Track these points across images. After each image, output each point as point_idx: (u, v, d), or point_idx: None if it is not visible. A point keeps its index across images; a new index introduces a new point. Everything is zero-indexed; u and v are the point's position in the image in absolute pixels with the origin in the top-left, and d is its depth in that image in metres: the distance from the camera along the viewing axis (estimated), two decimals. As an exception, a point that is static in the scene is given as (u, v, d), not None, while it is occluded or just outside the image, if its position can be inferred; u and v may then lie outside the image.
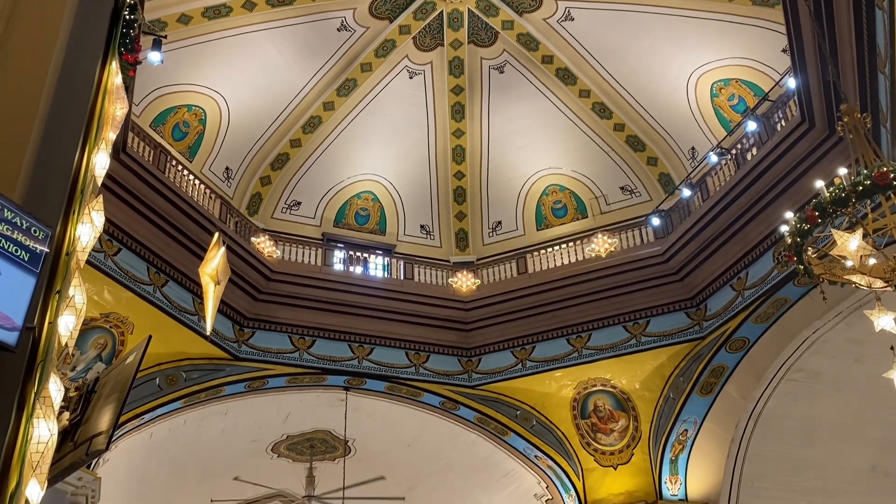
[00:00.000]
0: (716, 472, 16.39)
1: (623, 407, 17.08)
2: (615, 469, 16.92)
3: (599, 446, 17.09)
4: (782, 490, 16.81)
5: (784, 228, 7.85)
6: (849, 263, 7.21)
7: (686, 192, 16.60)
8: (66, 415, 5.35)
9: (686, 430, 16.50)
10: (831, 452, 16.89)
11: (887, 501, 17.64)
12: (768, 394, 15.80)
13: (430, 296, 17.74)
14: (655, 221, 17.10)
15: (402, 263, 18.66)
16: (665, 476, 16.62)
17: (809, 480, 16.96)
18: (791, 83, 13.79)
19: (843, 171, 7.26)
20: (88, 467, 13.47)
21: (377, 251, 19.32)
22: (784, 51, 14.12)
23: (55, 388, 4.85)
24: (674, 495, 16.56)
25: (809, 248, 7.65)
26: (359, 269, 18.26)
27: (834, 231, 6.98)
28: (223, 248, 7.72)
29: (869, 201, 7.30)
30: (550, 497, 18.10)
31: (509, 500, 19.42)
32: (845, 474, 17.23)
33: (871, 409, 16.16)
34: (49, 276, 5.03)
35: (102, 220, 5.48)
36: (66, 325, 4.99)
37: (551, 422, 17.39)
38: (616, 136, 19.22)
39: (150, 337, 5.64)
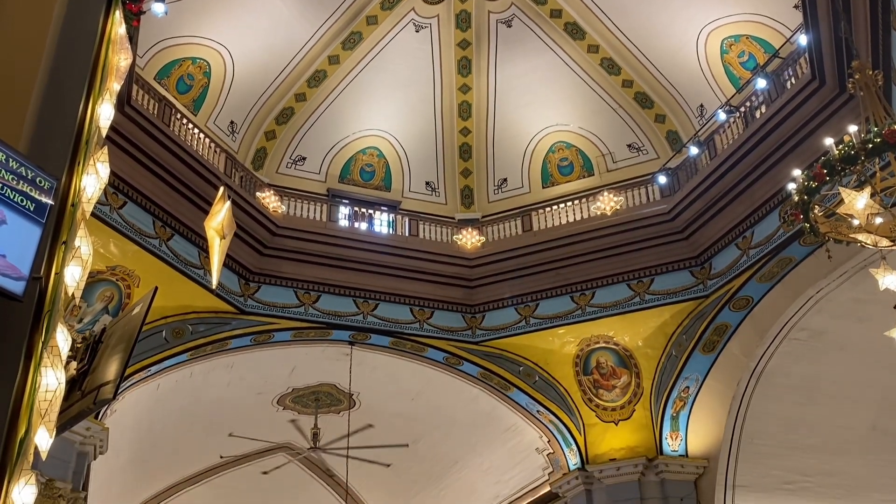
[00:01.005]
0: (716, 428, 16.55)
1: (625, 364, 17.20)
2: (616, 425, 17.09)
3: (601, 402, 17.25)
4: (782, 447, 16.98)
5: (791, 186, 7.81)
6: (855, 222, 7.18)
7: (693, 150, 16.50)
8: (74, 364, 5.40)
9: (688, 388, 16.63)
10: (832, 411, 17.02)
11: (886, 459, 17.82)
12: (771, 352, 15.88)
13: (435, 252, 17.76)
14: (662, 180, 17.02)
15: (406, 220, 18.66)
16: (666, 432, 16.79)
17: (809, 438, 17.12)
18: (802, 40, 13.60)
19: (853, 128, 7.19)
20: (96, 417, 13.66)
21: (382, 207, 19.30)
22: (796, 6, 13.88)
23: (62, 338, 4.89)
24: (674, 451, 16.76)
25: (816, 207, 7.62)
26: (364, 226, 18.27)
27: (842, 189, 6.95)
28: (228, 203, 7.72)
29: (878, 160, 7.25)
30: (552, 451, 18.32)
31: (511, 454, 19.67)
32: (845, 433, 17.37)
33: (873, 368, 16.24)
34: (55, 226, 5.03)
35: (107, 171, 5.46)
36: (73, 275, 5.00)
37: (554, 378, 17.53)
38: (624, 93, 19.03)
39: (156, 288, 5.67)
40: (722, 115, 15.90)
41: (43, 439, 4.68)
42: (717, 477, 16.56)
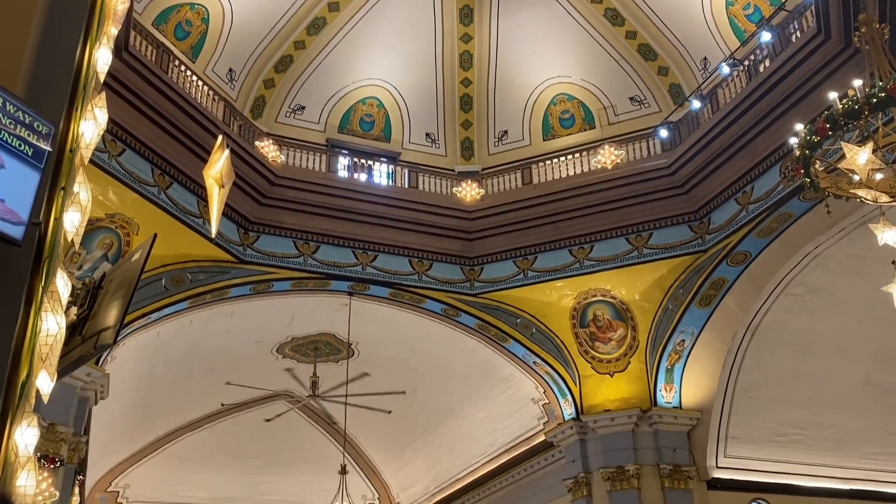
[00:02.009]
0: (710, 381, 16.75)
1: (622, 317, 17.31)
2: (611, 376, 17.28)
3: (597, 354, 17.41)
4: (775, 400, 17.21)
5: (793, 141, 7.77)
6: (856, 178, 7.17)
7: (696, 104, 16.36)
8: (74, 310, 5.44)
9: (683, 341, 16.78)
10: (826, 365, 17.21)
11: (878, 413, 18.08)
12: (767, 307, 15.99)
13: (434, 205, 17.74)
14: (663, 133, 16.91)
15: (406, 171, 18.59)
16: (660, 384, 16.99)
17: (802, 392, 17.33)
18: (810, -8, 13.39)
19: (857, 83, 7.13)
20: (97, 363, 13.80)
21: (382, 158, 19.21)
22: (804, -42, 13.63)
23: (62, 284, 4.91)
24: (668, 403, 16.98)
25: (817, 162, 7.60)
26: (363, 177, 18.21)
27: (844, 144, 6.91)
28: (227, 152, 7.65)
29: (881, 115, 7.20)
30: (547, 402, 18.56)
31: (507, 404, 19.92)
32: (838, 387, 17.59)
33: (868, 324, 16.37)
34: (53, 172, 5.01)
35: (106, 117, 5.43)
36: (72, 221, 5.00)
37: (551, 330, 17.66)
38: (627, 45, 18.79)
39: (155, 235, 5.67)
40: (725, 69, 15.73)
41: (44, 383, 4.73)
42: (710, 428, 16.82)
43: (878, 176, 7.27)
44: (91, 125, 5.32)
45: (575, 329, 17.55)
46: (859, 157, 6.76)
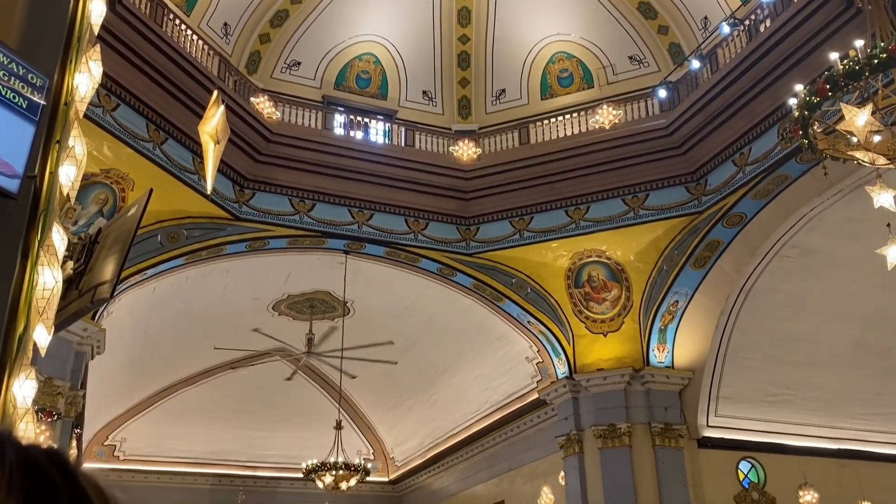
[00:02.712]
0: (703, 342, 16.89)
1: (616, 278, 17.37)
2: (605, 336, 17.41)
3: (591, 314, 17.51)
4: (766, 361, 17.38)
5: (792, 101, 7.73)
6: (854, 139, 7.15)
7: (695, 64, 16.23)
8: (70, 264, 5.44)
9: (677, 302, 16.87)
10: (817, 327, 17.35)
11: (867, 374, 18.28)
12: (761, 269, 16.06)
13: (431, 163, 17.66)
14: (662, 93, 16.80)
15: (403, 130, 18.48)
16: (653, 344, 17.13)
17: (794, 353, 17.49)
18: (813, -50, 13.20)
19: (858, 43, 7.07)
20: (93, 318, 13.85)
21: (378, 116, 19.08)
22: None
23: (58, 238, 4.91)
24: (660, 362, 17.14)
25: (816, 123, 7.56)
26: (359, 135, 18.10)
27: (843, 105, 6.88)
28: (222, 107, 7.60)
29: (881, 76, 7.16)
30: (541, 360, 18.72)
31: (501, 362, 20.09)
32: (829, 348, 17.76)
33: (860, 286, 16.47)
34: (48, 125, 4.99)
35: (100, 70, 5.37)
36: (67, 175, 4.99)
37: (545, 290, 17.74)
38: (627, 2, 18.58)
39: (151, 190, 5.66)
40: (726, 29, 15.58)
41: (41, 336, 4.76)
42: (702, 388, 17.01)
43: (877, 138, 7.25)
44: (86, 78, 5.28)
45: (570, 289, 17.62)
46: (858, 119, 6.73)
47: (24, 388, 4.56)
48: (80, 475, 0.75)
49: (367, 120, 18.51)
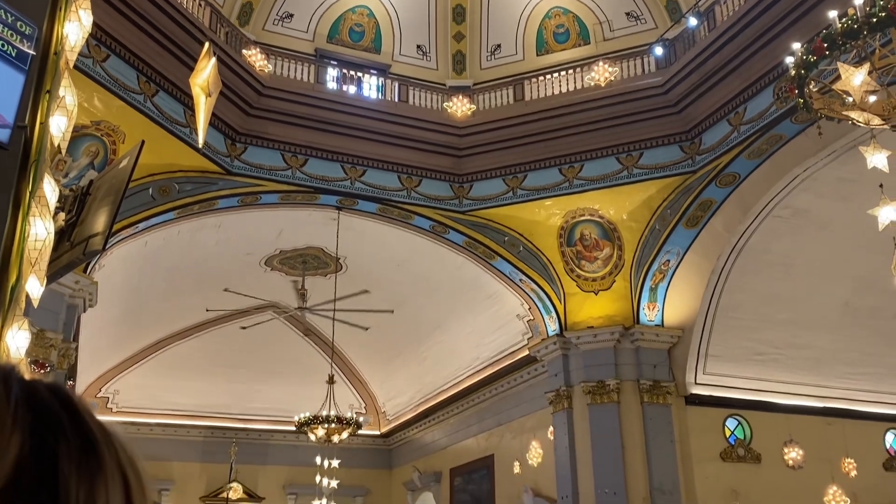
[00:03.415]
0: (693, 301, 17.02)
1: (609, 236, 17.42)
2: (596, 294, 17.51)
3: (583, 273, 17.59)
4: (756, 321, 17.54)
5: (789, 60, 7.68)
6: (849, 99, 7.13)
7: (692, 21, 16.08)
8: (62, 215, 5.42)
9: (668, 261, 16.95)
10: (807, 287, 17.48)
11: (855, 334, 18.49)
12: (753, 228, 16.12)
13: (425, 120, 17.54)
14: (658, 51, 16.66)
15: (396, 85, 18.30)
16: (644, 303, 17.25)
17: (783, 312, 17.65)
18: None
19: (857, 1, 7.00)
20: (85, 271, 13.84)
21: (371, 70, 18.88)
22: None
23: (50, 189, 4.88)
24: (650, 321, 17.28)
25: (812, 82, 7.53)
26: (352, 89, 17.92)
27: (840, 64, 6.84)
28: (213, 59, 7.50)
29: (879, 36, 7.11)
30: (532, 318, 18.84)
31: (492, 320, 20.22)
32: (818, 308, 17.92)
33: (851, 247, 16.57)
34: (38, 75, 4.92)
35: (90, 19, 5.28)
36: (58, 125, 4.94)
37: (538, 248, 17.78)
38: (625, -42, 18.32)
39: (143, 142, 5.61)
40: (724, -15, 15.39)
41: (34, 287, 4.76)
42: (691, 346, 17.19)
43: (872, 98, 7.23)
44: (75, 27, 5.19)
45: (562, 248, 17.66)
46: (854, 79, 6.70)
47: (17, 338, 4.57)
48: (82, 409, 0.76)
49: (360, 74, 18.31)
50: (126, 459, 0.71)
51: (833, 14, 7.20)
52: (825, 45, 7.02)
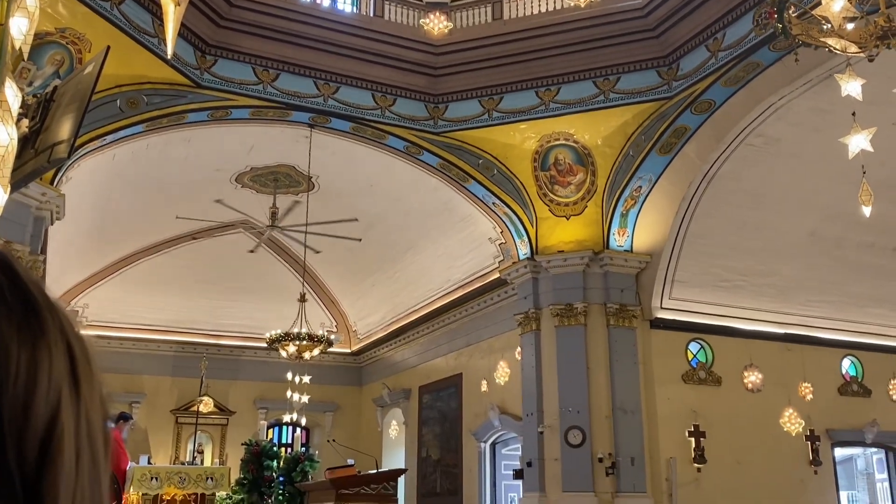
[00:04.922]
0: (663, 227, 17.20)
1: (583, 162, 17.42)
2: (567, 219, 17.62)
3: (555, 197, 17.64)
4: (723, 248, 17.81)
5: (770, -16, 7.59)
6: (827, 26, 7.09)
7: (676, -57, 15.74)
8: (25, 122, 5.28)
9: (640, 187, 17.04)
10: (776, 216, 17.72)
11: (819, 263, 18.88)
12: (725, 156, 16.20)
13: (400, 36, 17.17)
14: (639, -28, 16.34)
15: (372, -1, 17.83)
16: (614, 228, 17.40)
17: (750, 240, 17.92)
18: None
19: (841, -75, 6.89)
20: (52, 183, 13.61)
21: (347, -17, 18.32)
22: None
23: (11, 94, 4.75)
24: (620, 246, 17.48)
25: (792, 7, 7.46)
26: (326, 2, 17.42)
27: (820, -11, 6.78)
28: (183, -37, 7.23)
29: (861, -39, 7.03)
30: (503, 241, 18.96)
31: (465, 242, 20.32)
32: (785, 237, 18.22)
33: (821, 178, 16.76)
34: (-4, -28, 4.72)
35: (50, -86, 5.07)
36: (19, 27, 4.77)
37: (512, 172, 17.75)
38: None
39: (108, 47, 5.45)
40: None
41: (-2, 195, 4.68)
42: (658, 272, 17.45)
43: (850, 25, 7.20)
44: (35, -78, 4.97)
45: (536, 172, 17.65)
46: (834, 4, 6.66)
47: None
48: (23, 273, 0.74)
49: (335, -13, 17.78)
50: (69, 327, 0.69)
51: (817, -63, 7.09)
52: (807, -32, 6.94)
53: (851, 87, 7.71)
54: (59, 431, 0.61)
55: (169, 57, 12.05)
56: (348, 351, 27.71)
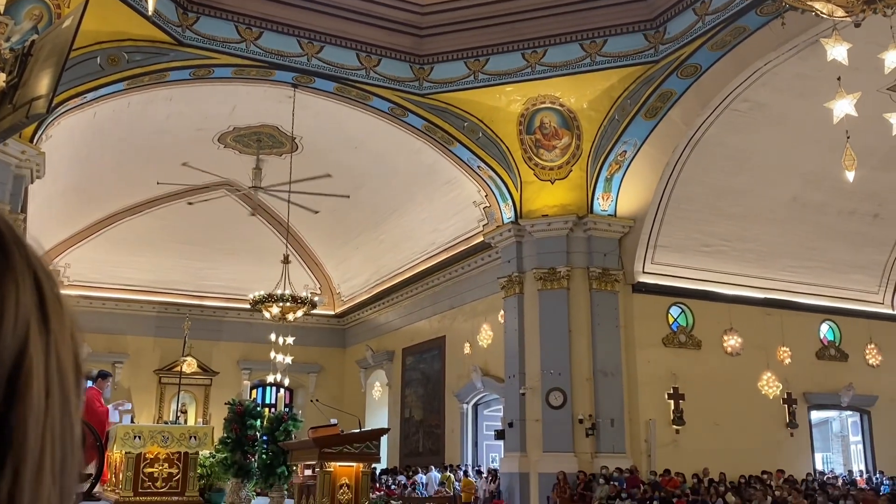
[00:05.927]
0: (646, 192, 17.24)
1: (568, 125, 17.36)
2: (552, 183, 17.62)
3: (540, 161, 17.61)
4: (706, 213, 17.90)
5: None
6: (815, -10, 7.06)
7: None
8: (3, 76, 5.20)
9: (625, 152, 17.03)
10: (758, 182, 17.80)
11: (800, 229, 19.04)
12: (710, 121, 16.20)
13: (386, -6, 16.92)
14: (628, -67, 16.14)
15: (357, -44, 17.52)
16: (599, 193, 17.43)
17: (733, 206, 18.01)
18: None
19: None
20: (31, 141, 13.42)
21: (332, -60, 17.99)
22: None
23: (-12, 47, 4.66)
24: (604, 210, 17.53)
25: (779, -29, 7.42)
26: (311, -41, 17.13)
27: (808, -48, 6.74)
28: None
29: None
30: (488, 205, 18.94)
31: (450, 205, 20.28)
32: (767, 202, 18.33)
33: (804, 143, 16.82)
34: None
35: None
36: (-6, -22, 4.67)
37: (497, 135, 17.68)
38: None
39: (87, 1, 5.34)
40: None
41: (-24, 150, 4.62)
42: (641, 236, 17.54)
43: (837, -10, 7.17)
44: None
45: (521, 135, 17.59)
46: (821, -32, 6.63)
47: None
48: None
49: (319, -56, 17.45)
50: (37, 263, 0.66)
51: None
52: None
53: (837, 51, 7.71)
54: (27, 366, 0.60)
55: (150, 13, 11.85)
56: (332, 313, 27.76)
